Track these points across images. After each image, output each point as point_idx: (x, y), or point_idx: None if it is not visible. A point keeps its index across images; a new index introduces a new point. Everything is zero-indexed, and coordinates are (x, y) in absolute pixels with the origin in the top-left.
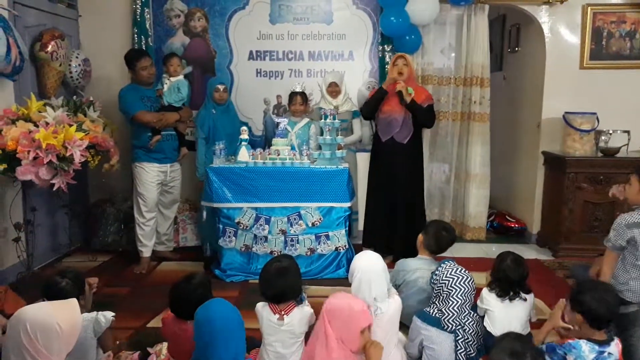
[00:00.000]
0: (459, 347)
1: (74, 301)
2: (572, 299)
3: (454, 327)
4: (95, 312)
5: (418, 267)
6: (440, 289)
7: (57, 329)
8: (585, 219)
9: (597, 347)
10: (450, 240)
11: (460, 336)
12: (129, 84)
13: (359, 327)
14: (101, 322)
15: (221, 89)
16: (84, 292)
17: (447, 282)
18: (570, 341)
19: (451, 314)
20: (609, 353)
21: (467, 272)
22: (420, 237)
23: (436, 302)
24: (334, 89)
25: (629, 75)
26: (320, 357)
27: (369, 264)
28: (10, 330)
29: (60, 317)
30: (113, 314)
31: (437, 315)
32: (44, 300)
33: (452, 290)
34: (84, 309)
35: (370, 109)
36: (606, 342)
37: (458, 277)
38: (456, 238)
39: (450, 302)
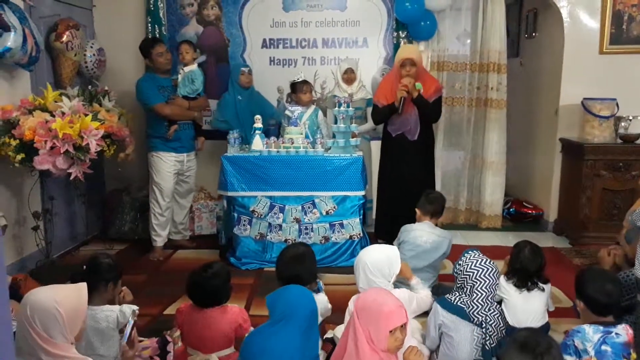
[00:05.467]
0: (480, 338)
1: (82, 287)
2: (575, 289)
3: (480, 320)
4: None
5: (417, 228)
6: (464, 281)
7: (55, 312)
8: (604, 207)
9: (601, 328)
10: (440, 197)
11: (484, 327)
12: (146, 74)
13: (388, 327)
14: (126, 313)
15: (246, 71)
16: (116, 281)
17: (471, 273)
18: (573, 328)
19: (477, 307)
20: (617, 334)
21: (492, 262)
22: (417, 211)
23: (460, 293)
24: (349, 76)
25: None
26: (349, 354)
27: (362, 255)
28: (19, 315)
29: (61, 301)
30: (137, 307)
31: (460, 304)
32: (84, 271)
33: (476, 283)
34: (112, 300)
35: (381, 119)
36: (612, 324)
37: (483, 269)
38: (444, 197)
39: (475, 295)
